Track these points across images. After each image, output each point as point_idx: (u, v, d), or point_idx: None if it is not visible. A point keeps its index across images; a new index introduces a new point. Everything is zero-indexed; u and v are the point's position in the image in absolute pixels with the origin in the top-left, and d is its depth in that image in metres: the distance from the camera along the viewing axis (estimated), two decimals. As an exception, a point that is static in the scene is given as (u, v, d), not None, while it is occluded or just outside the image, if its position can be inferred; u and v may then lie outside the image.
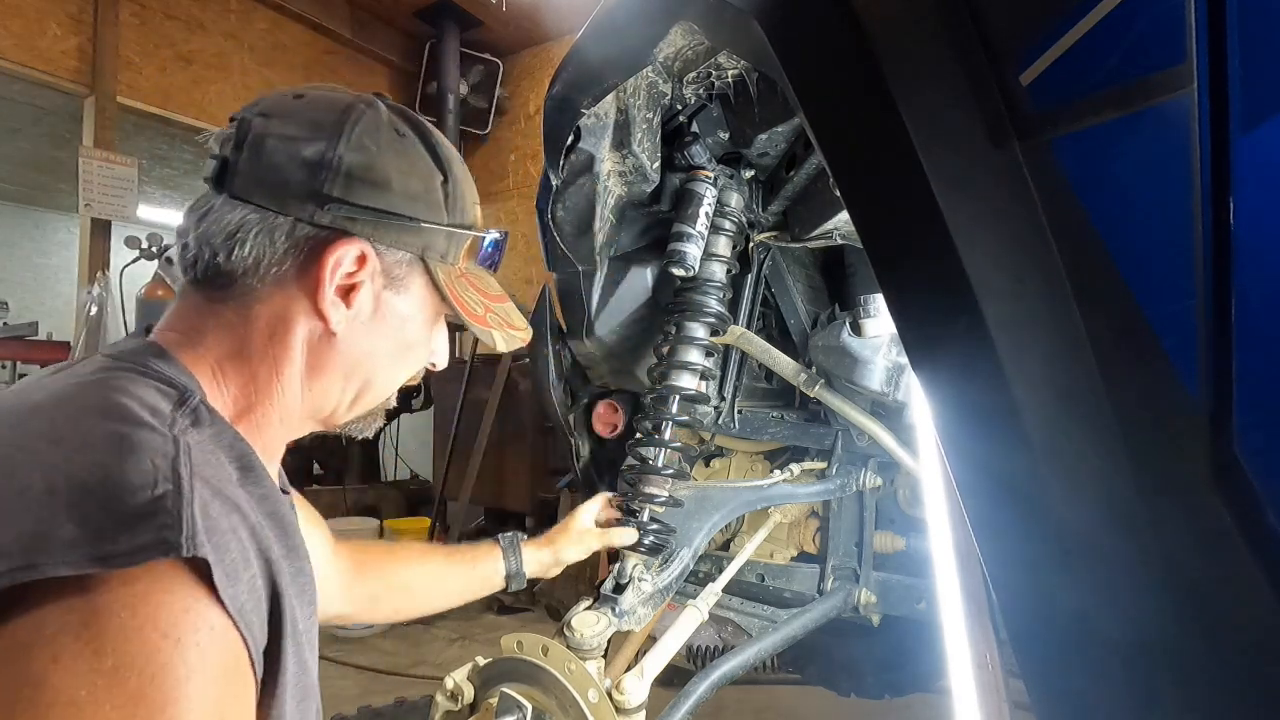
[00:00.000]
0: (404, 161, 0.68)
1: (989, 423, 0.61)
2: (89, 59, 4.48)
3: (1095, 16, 0.53)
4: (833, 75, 0.72)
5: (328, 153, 0.64)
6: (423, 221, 0.68)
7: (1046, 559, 0.60)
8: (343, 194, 0.64)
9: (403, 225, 0.67)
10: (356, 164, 0.64)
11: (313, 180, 0.63)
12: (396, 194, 0.67)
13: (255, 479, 0.62)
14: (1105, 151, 0.54)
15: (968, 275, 0.59)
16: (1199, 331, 0.50)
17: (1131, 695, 0.57)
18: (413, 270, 0.70)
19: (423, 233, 0.69)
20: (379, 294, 0.68)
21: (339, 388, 0.70)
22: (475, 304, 0.74)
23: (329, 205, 0.63)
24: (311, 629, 0.67)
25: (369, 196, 0.65)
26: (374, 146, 0.66)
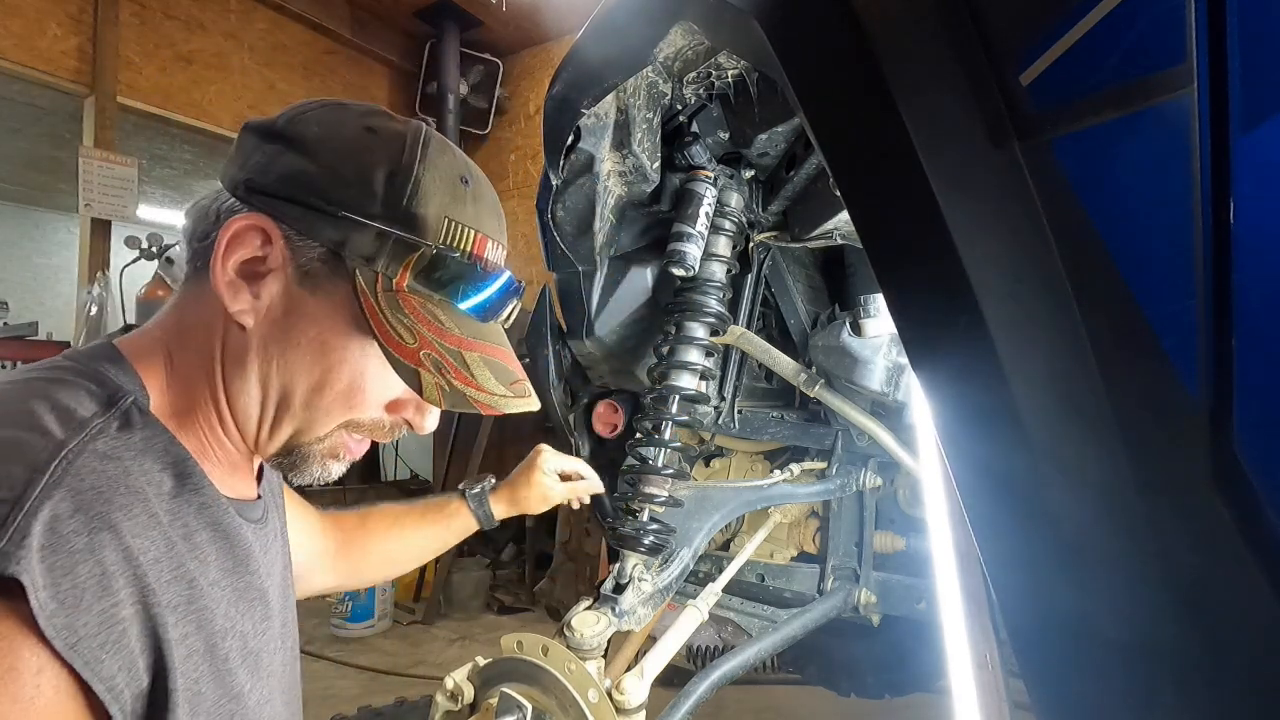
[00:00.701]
0: (346, 145, 0.59)
1: (989, 423, 0.61)
2: (89, 59, 4.48)
3: (1095, 16, 0.53)
4: (833, 75, 0.72)
5: (274, 125, 0.60)
6: (341, 210, 0.57)
7: (1046, 559, 0.60)
8: (263, 168, 0.58)
9: (317, 211, 0.57)
10: (290, 137, 0.59)
11: (254, 149, 0.59)
12: (320, 174, 0.58)
13: (194, 486, 0.57)
14: (1105, 151, 0.54)
15: (968, 275, 0.59)
16: (1199, 331, 0.50)
17: (1131, 695, 0.57)
18: (333, 271, 0.59)
19: (340, 224, 0.57)
20: (291, 289, 0.59)
21: (255, 398, 0.61)
22: (406, 332, 0.59)
23: (251, 179, 0.58)
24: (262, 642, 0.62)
25: (287, 173, 0.58)
26: (319, 128, 0.59)
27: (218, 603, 0.57)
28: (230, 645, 0.57)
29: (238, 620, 0.59)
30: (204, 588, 0.55)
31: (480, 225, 0.64)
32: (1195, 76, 0.49)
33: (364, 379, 0.62)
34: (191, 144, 5.78)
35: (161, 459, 0.56)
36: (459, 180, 0.63)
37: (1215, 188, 0.49)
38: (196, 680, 0.53)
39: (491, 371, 0.63)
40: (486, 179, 0.68)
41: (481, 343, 0.64)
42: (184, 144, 5.80)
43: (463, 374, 0.61)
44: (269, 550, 0.68)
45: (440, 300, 0.62)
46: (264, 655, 0.63)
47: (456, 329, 0.62)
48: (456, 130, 6.25)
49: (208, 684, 0.54)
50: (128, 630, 0.48)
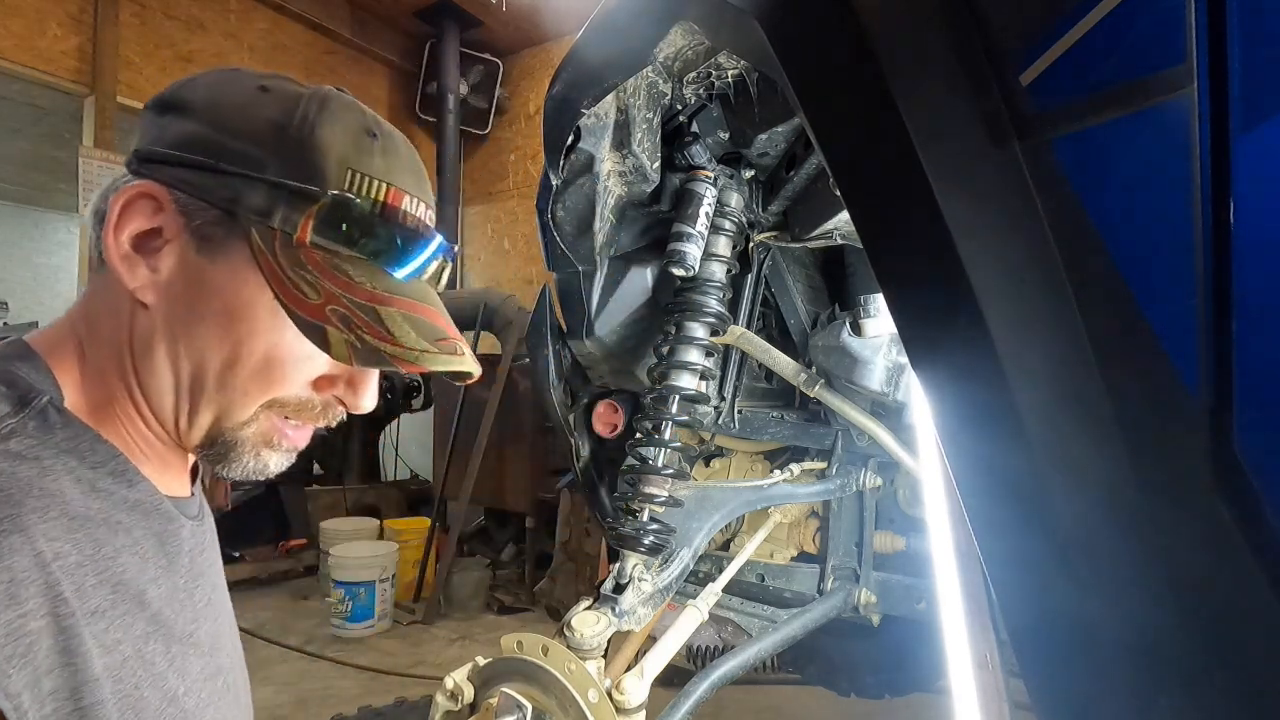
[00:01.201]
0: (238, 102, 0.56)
1: (989, 423, 0.61)
2: (89, 59, 4.48)
3: (1095, 16, 0.53)
4: (833, 75, 0.72)
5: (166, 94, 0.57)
6: (229, 166, 0.54)
7: (1046, 559, 0.60)
8: (153, 139, 0.56)
9: (205, 170, 0.54)
10: (179, 99, 0.56)
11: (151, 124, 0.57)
12: (205, 131, 0.55)
13: (127, 483, 0.55)
14: (1105, 151, 0.54)
15: (968, 275, 0.59)
16: (1199, 331, 0.50)
17: (1131, 695, 0.57)
18: (230, 233, 0.55)
19: (229, 181, 0.54)
20: (189, 258, 0.55)
21: (168, 384, 0.56)
22: (309, 289, 0.55)
23: (139, 150, 0.56)
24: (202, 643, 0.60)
25: (172, 134, 0.55)
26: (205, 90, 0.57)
27: (145, 605, 0.53)
28: (156, 649, 0.54)
29: (166, 622, 0.55)
30: (139, 589, 0.53)
31: (391, 178, 0.59)
32: (1195, 76, 0.49)
33: (280, 350, 0.56)
34: (191, 144, 5.78)
35: (89, 457, 0.53)
36: (364, 133, 0.59)
37: (1215, 188, 0.49)
38: (137, 686, 0.51)
39: (413, 327, 0.57)
40: (405, 140, 0.63)
41: (402, 298, 0.58)
42: (184, 144, 5.79)
43: (376, 329, 0.56)
44: (206, 550, 0.65)
45: (351, 256, 0.57)
46: (206, 657, 0.60)
47: (370, 284, 0.57)
48: (456, 130, 6.25)
49: (148, 688, 0.52)
50: (36, 643, 0.45)
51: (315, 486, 5.19)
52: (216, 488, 3.24)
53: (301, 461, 4.86)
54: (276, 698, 3.06)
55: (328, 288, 0.55)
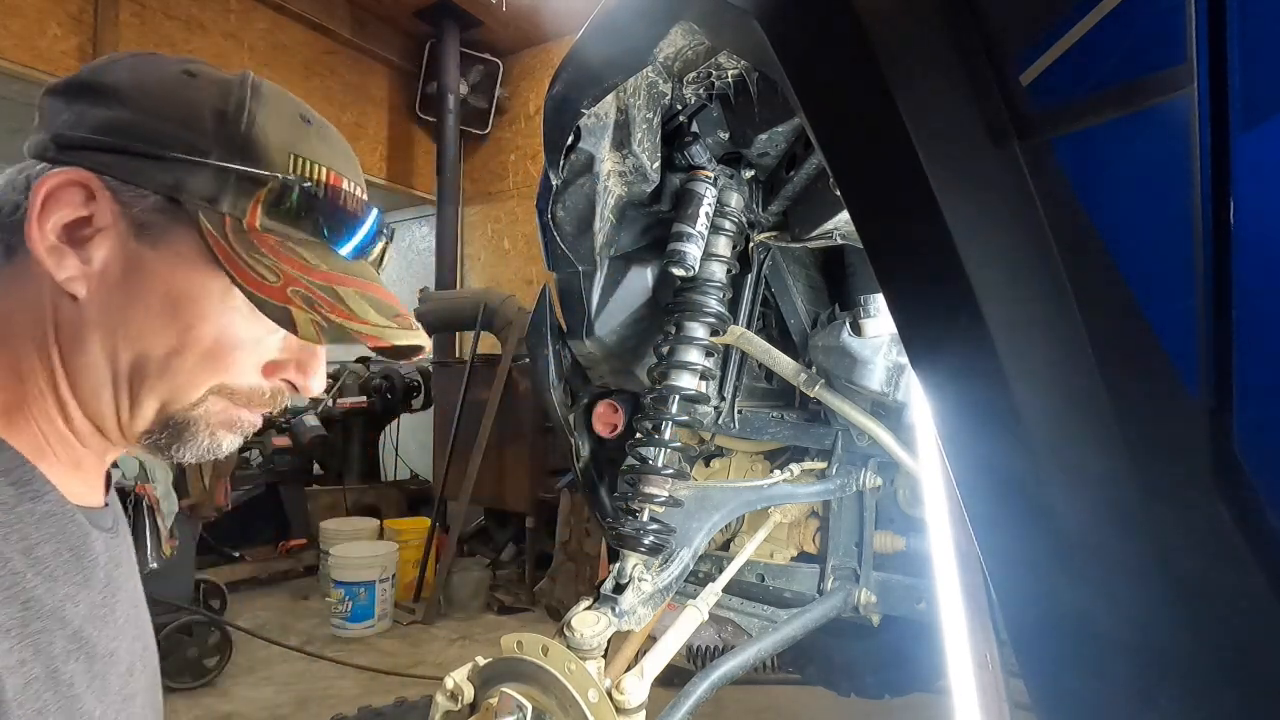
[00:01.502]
0: (168, 87, 0.55)
1: (989, 423, 0.61)
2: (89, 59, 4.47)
3: (1095, 16, 0.53)
4: (833, 75, 0.72)
5: (81, 79, 0.55)
6: (170, 151, 0.53)
7: (1046, 559, 0.60)
8: (70, 124, 0.53)
9: (142, 157, 0.53)
10: (100, 88, 0.54)
11: (60, 110, 0.54)
12: (138, 116, 0.53)
13: (33, 494, 0.52)
14: (1105, 151, 0.54)
15: (968, 275, 0.59)
16: (1199, 331, 0.50)
17: (1131, 695, 0.57)
18: (173, 220, 0.54)
19: (171, 167, 0.53)
20: (127, 246, 0.54)
21: (105, 376, 0.54)
22: (267, 270, 0.54)
23: (61, 136, 0.53)
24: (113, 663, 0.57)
25: (103, 122, 0.53)
26: (129, 73, 0.55)
27: (65, 623, 0.51)
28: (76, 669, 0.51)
29: (88, 640, 0.53)
30: (48, 607, 0.50)
31: (331, 162, 0.59)
32: (1195, 76, 0.49)
33: (230, 334, 0.56)
34: (191, 144, 5.78)
35: None
36: (299, 118, 0.60)
37: (1215, 187, 0.49)
38: (40, 711, 0.48)
39: (370, 305, 0.58)
40: (332, 126, 0.64)
41: (354, 278, 0.59)
42: (184, 144, 5.79)
43: (339, 308, 0.56)
44: (121, 563, 0.62)
45: (301, 238, 0.58)
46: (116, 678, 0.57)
47: (324, 265, 0.58)
48: (456, 130, 6.25)
49: (54, 713, 0.49)
50: None
51: (315, 486, 5.19)
52: (217, 487, 3.24)
53: (301, 461, 4.87)
54: (276, 698, 3.06)
55: (285, 270, 0.55)
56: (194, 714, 2.91)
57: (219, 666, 3.17)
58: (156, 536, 2.90)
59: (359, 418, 5.43)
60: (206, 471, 3.19)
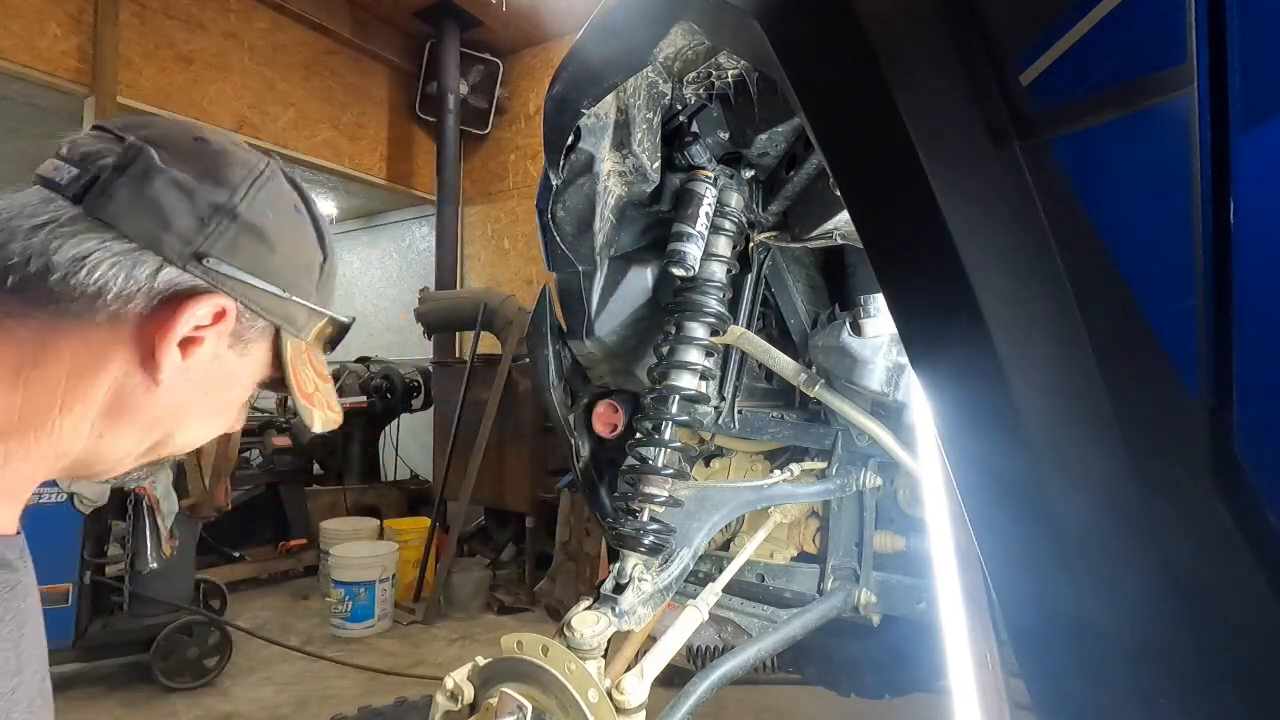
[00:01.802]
0: (295, 235, 0.67)
1: (989, 423, 0.61)
2: (89, 59, 4.48)
3: (1095, 16, 0.53)
4: (833, 75, 0.72)
5: (226, 206, 0.61)
6: (295, 296, 0.66)
7: (1046, 559, 0.60)
8: (226, 251, 0.61)
9: (274, 295, 0.65)
10: (251, 225, 0.63)
11: (200, 230, 0.60)
12: (279, 264, 0.65)
13: None
14: (1105, 151, 0.54)
15: (968, 275, 0.59)
16: (1199, 331, 0.50)
17: (1132, 695, 0.57)
18: (263, 336, 0.66)
19: (289, 305, 0.66)
20: (219, 350, 0.63)
21: (137, 439, 0.63)
22: (307, 381, 0.71)
23: (209, 259, 0.60)
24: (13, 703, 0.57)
25: (253, 260, 0.63)
26: (272, 214, 0.65)
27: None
28: None
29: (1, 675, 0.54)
30: None
31: None
32: (1195, 76, 0.49)
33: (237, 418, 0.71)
34: (191, 144, 5.77)
35: None
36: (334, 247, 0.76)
37: (1215, 188, 0.49)
38: None
39: None
40: None
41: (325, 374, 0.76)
42: (184, 144, 5.79)
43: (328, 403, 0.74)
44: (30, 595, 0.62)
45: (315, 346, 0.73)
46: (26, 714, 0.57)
47: (320, 366, 0.74)
48: (456, 130, 6.25)
49: None
50: None
51: (315, 486, 5.19)
52: (217, 487, 3.24)
53: (301, 461, 4.88)
54: (276, 698, 3.06)
55: (317, 381, 0.72)
56: (194, 714, 2.91)
57: (219, 666, 3.17)
58: (156, 536, 2.91)
59: (359, 418, 5.43)
60: (206, 471, 3.19)
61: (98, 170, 0.58)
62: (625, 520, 1.19)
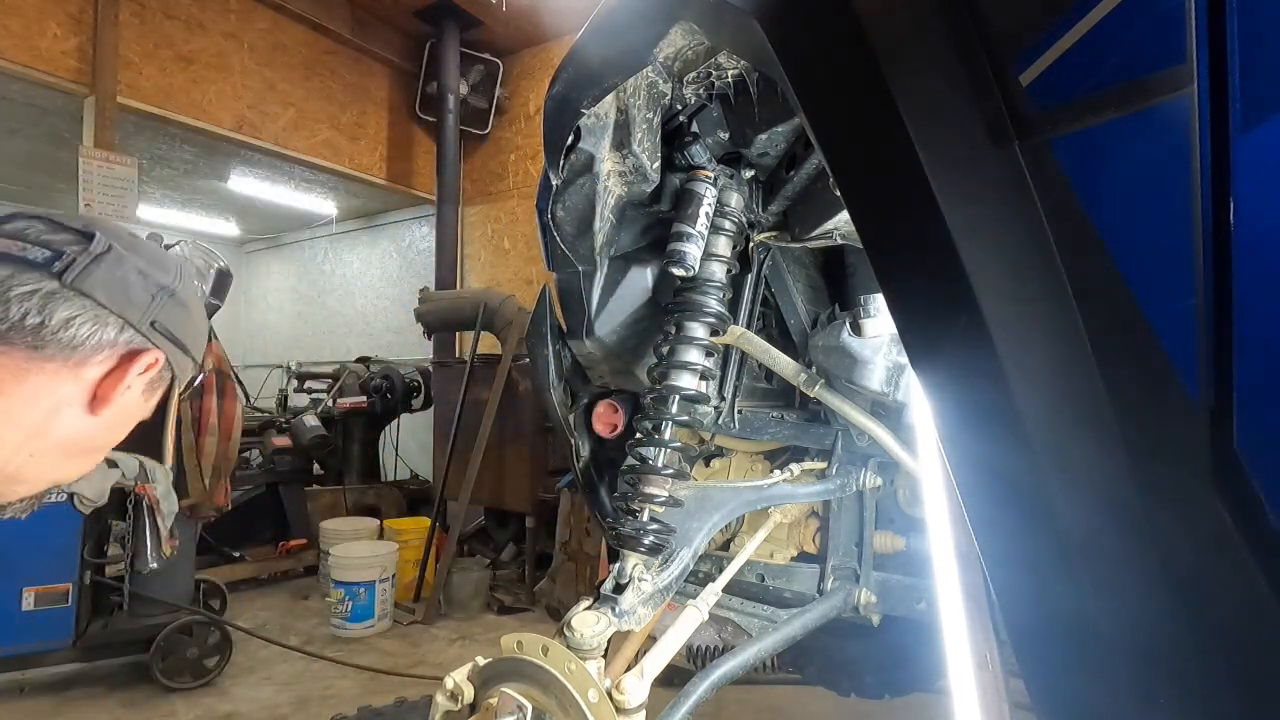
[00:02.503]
0: (199, 308, 0.89)
1: (989, 423, 0.61)
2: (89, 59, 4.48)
3: (1095, 16, 0.53)
4: (833, 75, 0.72)
5: (169, 287, 0.82)
6: (194, 355, 0.86)
7: (1046, 559, 0.60)
8: (165, 319, 0.82)
9: (183, 353, 0.84)
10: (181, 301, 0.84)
11: (151, 303, 0.80)
12: (191, 330, 0.85)
13: None
14: (1105, 151, 0.54)
15: (968, 275, 0.59)
16: (1199, 331, 0.50)
17: (1131, 695, 0.57)
18: (164, 385, 0.84)
19: (189, 363, 0.86)
20: (137, 396, 0.80)
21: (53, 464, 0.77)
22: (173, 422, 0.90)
23: (156, 323, 0.80)
24: None
25: (179, 326, 0.83)
26: (191, 293, 0.87)
27: None
28: None
29: None
30: None
31: None
32: (1195, 76, 0.49)
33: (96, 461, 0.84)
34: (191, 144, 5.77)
35: None
36: None
37: (1215, 188, 0.49)
38: None
39: None
40: None
41: None
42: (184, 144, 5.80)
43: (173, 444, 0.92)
44: None
45: None
46: None
47: None
48: (456, 130, 6.25)
49: None
50: None
51: (315, 486, 5.19)
52: (217, 487, 3.24)
53: (301, 461, 4.88)
54: (276, 698, 3.06)
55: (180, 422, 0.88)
56: (194, 714, 2.91)
57: (219, 666, 3.17)
58: (156, 536, 2.91)
59: (359, 418, 5.43)
60: (206, 472, 3.19)
61: (74, 255, 0.75)
62: (625, 520, 1.18)
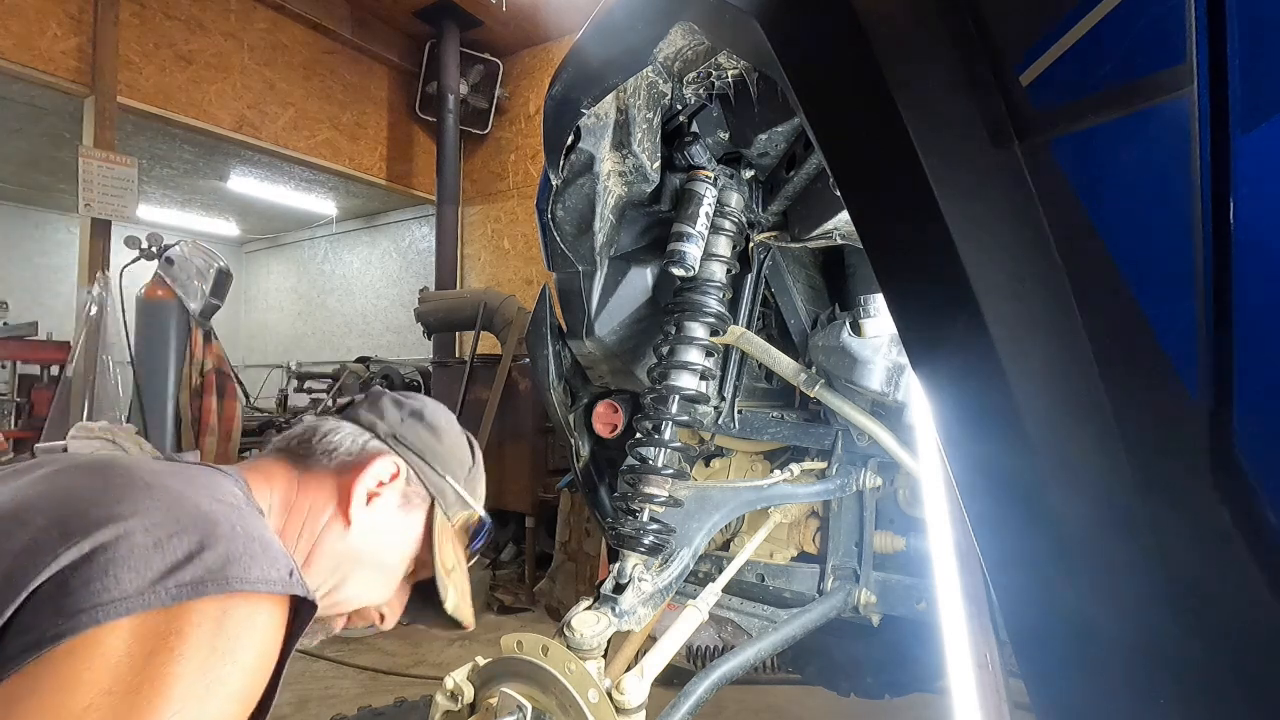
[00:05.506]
0: (456, 439, 0.98)
1: (989, 423, 0.61)
2: (89, 59, 4.48)
3: (1095, 16, 0.53)
4: (833, 75, 0.72)
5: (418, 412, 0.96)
6: (448, 478, 0.94)
7: (1046, 559, 0.60)
8: (411, 436, 0.93)
9: (434, 470, 0.92)
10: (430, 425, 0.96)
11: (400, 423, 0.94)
12: (443, 454, 0.95)
13: None
14: (1105, 151, 0.54)
15: (968, 275, 0.59)
16: (1199, 331, 0.50)
17: (1131, 695, 0.57)
18: (423, 504, 0.91)
19: (444, 484, 0.93)
20: (390, 508, 0.88)
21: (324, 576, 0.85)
22: (449, 556, 0.93)
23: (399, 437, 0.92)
24: None
25: (427, 446, 0.93)
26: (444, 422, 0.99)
27: None
28: None
29: None
30: None
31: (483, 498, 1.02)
32: (1195, 76, 0.49)
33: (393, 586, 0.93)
34: (191, 144, 5.78)
35: None
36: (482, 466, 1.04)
37: (1215, 187, 0.49)
38: None
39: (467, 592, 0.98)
40: None
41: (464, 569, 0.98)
42: (184, 144, 5.80)
43: (461, 592, 0.95)
44: None
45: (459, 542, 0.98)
46: None
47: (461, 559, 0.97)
48: (456, 130, 6.25)
49: None
50: None
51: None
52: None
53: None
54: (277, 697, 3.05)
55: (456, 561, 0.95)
56: (194, 714, 2.91)
57: (219, 666, 3.17)
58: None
59: (359, 417, 5.42)
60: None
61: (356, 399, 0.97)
62: (625, 520, 1.18)
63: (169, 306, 3.94)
